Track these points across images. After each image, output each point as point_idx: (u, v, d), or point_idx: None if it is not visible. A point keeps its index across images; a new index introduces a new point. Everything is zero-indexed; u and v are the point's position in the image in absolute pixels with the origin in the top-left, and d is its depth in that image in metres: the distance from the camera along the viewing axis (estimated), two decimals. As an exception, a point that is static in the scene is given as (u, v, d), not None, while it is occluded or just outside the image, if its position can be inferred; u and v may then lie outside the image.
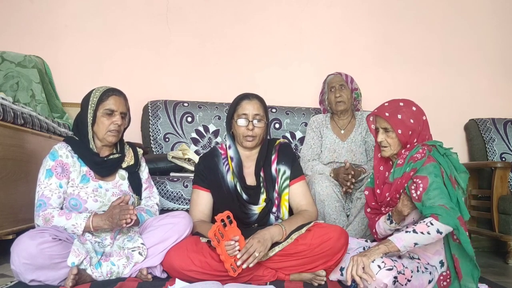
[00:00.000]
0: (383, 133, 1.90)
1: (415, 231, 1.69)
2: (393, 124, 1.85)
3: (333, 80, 2.76)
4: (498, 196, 2.82)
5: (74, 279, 1.75)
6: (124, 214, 1.80)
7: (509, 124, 3.35)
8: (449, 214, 1.68)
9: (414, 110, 1.89)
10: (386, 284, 1.63)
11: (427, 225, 1.68)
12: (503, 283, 2.16)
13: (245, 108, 2.07)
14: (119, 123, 1.99)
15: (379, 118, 1.91)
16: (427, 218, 1.70)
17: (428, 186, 1.75)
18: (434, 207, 1.70)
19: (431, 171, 1.78)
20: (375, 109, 1.94)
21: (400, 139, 1.86)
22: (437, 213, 1.68)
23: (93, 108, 1.98)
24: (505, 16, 3.60)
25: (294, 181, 2.13)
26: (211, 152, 2.21)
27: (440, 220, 1.67)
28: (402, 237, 1.70)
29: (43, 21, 3.31)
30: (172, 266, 1.91)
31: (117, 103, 1.99)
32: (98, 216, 1.88)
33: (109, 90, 2.01)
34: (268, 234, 1.87)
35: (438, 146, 1.87)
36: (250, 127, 2.05)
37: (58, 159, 1.95)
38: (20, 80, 2.91)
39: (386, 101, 1.94)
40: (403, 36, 3.53)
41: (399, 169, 1.86)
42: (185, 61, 3.41)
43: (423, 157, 1.82)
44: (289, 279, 1.96)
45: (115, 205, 1.86)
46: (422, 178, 1.78)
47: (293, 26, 3.48)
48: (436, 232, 1.68)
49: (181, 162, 2.79)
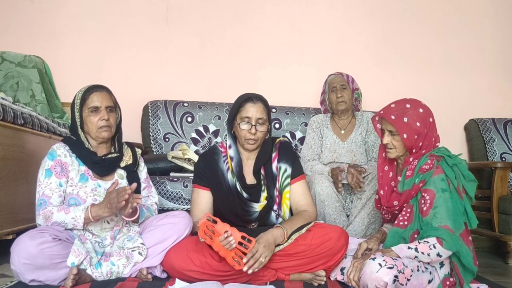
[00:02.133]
0: (389, 135, 1.90)
1: (416, 250, 1.73)
2: (398, 128, 1.84)
3: (334, 80, 2.76)
4: (498, 196, 2.82)
5: (74, 279, 1.75)
6: (121, 195, 1.78)
7: (509, 124, 3.35)
8: (453, 240, 1.72)
9: (421, 112, 1.87)
10: (386, 282, 1.63)
11: (430, 248, 1.73)
12: (503, 283, 2.16)
13: (248, 111, 2.05)
14: (105, 117, 1.97)
15: (385, 120, 1.90)
16: (431, 239, 1.73)
17: (434, 202, 1.77)
18: (439, 229, 1.73)
19: (438, 185, 1.79)
20: (381, 109, 1.93)
21: (405, 144, 1.86)
22: (442, 238, 1.72)
23: (78, 109, 1.97)
24: (505, 16, 3.60)
25: (295, 180, 2.13)
26: (211, 150, 2.20)
27: (444, 246, 1.72)
28: (404, 250, 1.74)
29: (43, 21, 3.31)
30: (172, 266, 1.91)
31: (99, 98, 1.97)
32: (96, 205, 1.87)
33: (90, 88, 2.00)
34: (272, 238, 1.86)
35: (447, 157, 1.86)
36: (253, 131, 2.04)
37: (56, 158, 1.95)
38: (20, 80, 2.91)
39: (393, 102, 1.92)
40: (403, 36, 3.53)
41: (408, 181, 1.86)
42: (185, 61, 3.41)
43: (432, 168, 1.82)
44: (289, 279, 1.96)
45: (111, 190, 1.84)
46: (429, 193, 1.80)
47: (293, 27, 3.48)
48: (436, 255, 1.73)
49: (181, 162, 2.79)
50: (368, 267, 1.68)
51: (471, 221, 1.80)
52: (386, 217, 2.05)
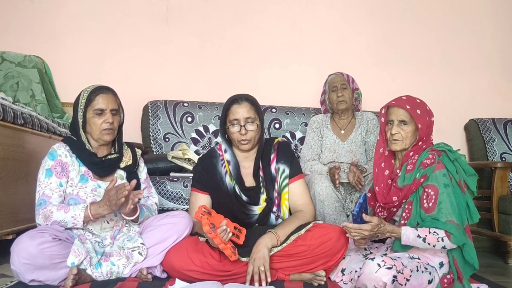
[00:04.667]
0: (398, 126, 1.90)
1: (424, 240, 1.75)
2: (415, 117, 1.86)
3: (335, 79, 2.76)
4: (498, 196, 2.82)
5: (74, 279, 1.75)
6: (120, 192, 1.78)
7: (509, 124, 3.35)
8: (459, 234, 1.75)
9: (428, 110, 1.93)
10: (385, 282, 1.63)
11: (437, 240, 1.75)
12: (503, 283, 2.16)
13: (235, 113, 2.04)
14: (110, 121, 1.97)
15: (397, 110, 1.90)
16: (440, 232, 1.75)
17: (438, 197, 1.78)
18: (447, 224, 1.75)
19: (440, 180, 1.80)
20: (392, 100, 1.93)
21: (420, 133, 1.88)
22: (450, 232, 1.74)
23: (82, 110, 1.97)
24: (505, 16, 3.60)
25: (293, 179, 2.12)
26: (209, 154, 2.19)
27: (451, 240, 1.74)
28: (410, 235, 1.76)
29: (43, 21, 3.31)
30: (172, 266, 1.91)
31: (105, 101, 1.97)
32: (96, 203, 1.87)
33: (96, 89, 1.99)
34: (260, 246, 1.87)
35: (448, 151, 1.87)
36: (242, 132, 2.03)
37: (57, 158, 1.95)
38: (20, 80, 2.92)
39: (403, 95, 1.94)
40: (403, 36, 3.53)
41: (409, 175, 1.87)
42: (185, 61, 3.41)
43: (433, 163, 1.83)
44: (289, 279, 1.96)
45: (110, 188, 1.84)
46: (433, 188, 1.80)
47: (293, 27, 3.48)
48: (441, 247, 1.76)
49: (181, 162, 2.79)
50: (367, 267, 1.67)
51: (473, 216, 1.82)
52: (380, 215, 2.02)
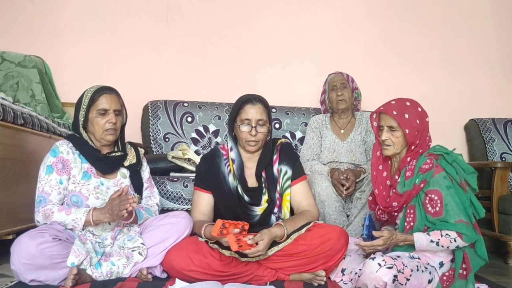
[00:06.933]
0: (388, 132, 1.90)
1: (438, 244, 1.77)
2: (401, 123, 1.85)
3: (335, 79, 2.76)
4: (498, 196, 2.82)
5: (74, 279, 1.75)
6: (123, 204, 1.79)
7: (509, 124, 3.35)
8: (470, 232, 1.77)
9: (420, 111, 1.90)
10: (385, 282, 1.63)
11: (450, 241, 1.77)
12: (503, 283, 2.16)
13: (248, 113, 2.04)
14: (113, 121, 1.97)
15: (385, 116, 1.90)
16: (452, 233, 1.76)
17: (444, 200, 1.80)
18: (457, 224, 1.77)
19: (442, 183, 1.81)
20: (381, 106, 1.93)
21: (407, 139, 1.87)
22: (461, 232, 1.76)
23: (85, 109, 1.97)
24: (505, 16, 3.60)
25: (296, 181, 2.12)
26: (212, 153, 2.19)
27: (464, 239, 1.76)
28: (423, 241, 1.77)
29: (43, 21, 3.31)
30: (172, 266, 1.91)
31: (109, 101, 1.98)
32: (98, 210, 1.88)
33: (100, 89, 1.99)
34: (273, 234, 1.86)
35: (446, 155, 1.88)
36: (253, 132, 2.03)
37: (59, 155, 1.95)
38: (20, 80, 2.92)
39: (393, 99, 1.93)
40: (403, 36, 3.53)
41: (409, 182, 1.87)
42: (185, 61, 3.41)
43: (432, 168, 1.84)
44: (289, 279, 1.96)
45: (114, 197, 1.85)
46: (436, 193, 1.81)
47: (293, 26, 3.48)
48: (454, 247, 1.79)
49: (181, 162, 2.79)
50: (368, 266, 1.68)
51: (479, 211, 1.84)
52: (381, 217, 2.03)
